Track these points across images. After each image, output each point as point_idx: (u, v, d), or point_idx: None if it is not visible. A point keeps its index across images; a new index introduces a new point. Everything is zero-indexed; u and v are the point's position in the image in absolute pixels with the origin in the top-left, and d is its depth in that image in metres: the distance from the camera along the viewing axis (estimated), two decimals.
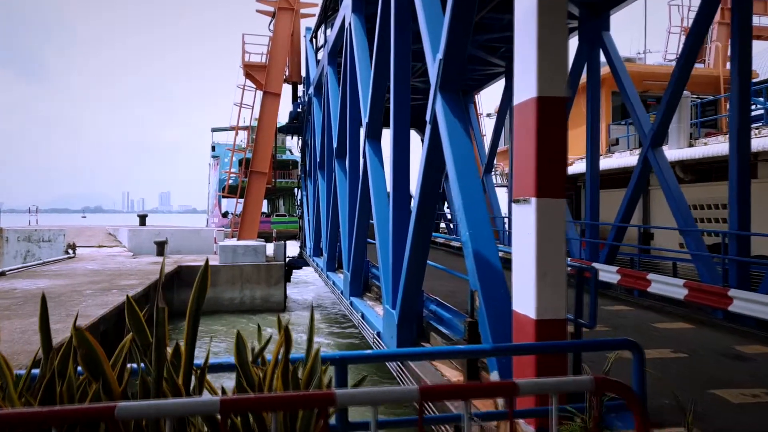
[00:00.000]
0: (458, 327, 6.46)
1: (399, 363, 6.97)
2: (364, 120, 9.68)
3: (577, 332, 3.96)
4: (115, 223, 52.86)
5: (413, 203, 6.51)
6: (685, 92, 14.41)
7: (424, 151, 6.09)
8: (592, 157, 12.55)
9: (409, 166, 7.90)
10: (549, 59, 3.68)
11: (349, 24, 11.49)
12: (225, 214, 51.92)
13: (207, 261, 1.98)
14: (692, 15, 28.19)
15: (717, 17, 26.62)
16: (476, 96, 22.72)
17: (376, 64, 9.00)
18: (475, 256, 4.70)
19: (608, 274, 11.06)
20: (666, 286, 9.65)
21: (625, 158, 17.06)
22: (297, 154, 53.65)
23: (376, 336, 8.34)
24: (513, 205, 3.97)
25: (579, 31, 12.82)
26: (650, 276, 10.03)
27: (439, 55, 5.61)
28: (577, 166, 20.08)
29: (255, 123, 25.68)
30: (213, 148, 55.17)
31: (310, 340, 2.26)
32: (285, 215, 52.63)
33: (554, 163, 3.70)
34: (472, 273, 4.73)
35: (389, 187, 13.26)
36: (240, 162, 48.92)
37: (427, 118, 6.01)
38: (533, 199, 3.70)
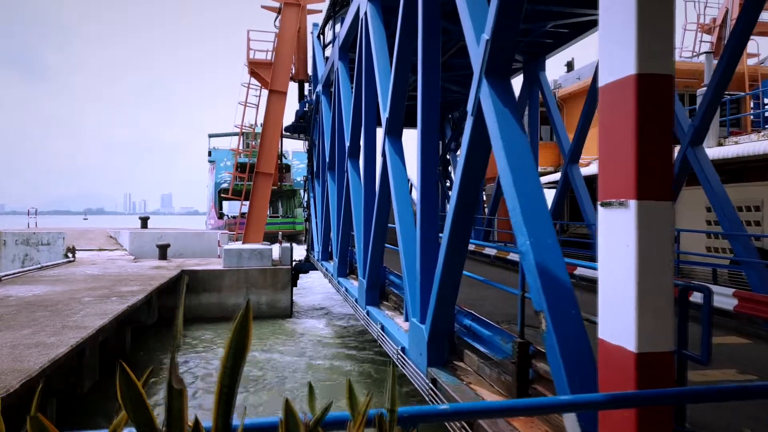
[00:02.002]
0: (500, 345, 5.72)
1: (431, 385, 6.23)
2: (384, 116, 8.94)
3: (681, 368, 3.21)
4: (117, 225, 52.34)
5: (449, 206, 5.77)
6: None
7: (464, 147, 5.35)
8: None
9: (438, 165, 7.15)
10: (653, 24, 2.94)
11: (365, 14, 10.76)
12: (221, 216, 52.93)
13: (248, 310, 1.23)
14: (708, 11, 27.55)
15: (735, 13, 25.88)
16: None
17: (398, 53, 8.26)
18: (539, 270, 3.95)
19: None
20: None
21: None
22: (291, 159, 53.71)
23: (400, 352, 7.59)
24: (600, 209, 3.22)
25: None
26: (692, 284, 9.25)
27: (486, 36, 4.87)
28: (596, 167, 19.35)
29: (249, 129, 25.02)
30: (209, 153, 56.63)
31: (393, 411, 1.51)
32: (278, 216, 52.90)
33: (660, 157, 2.95)
34: (535, 290, 3.98)
35: (413, 189, 12.45)
36: (235, 166, 51.16)
37: (469, 109, 5.27)
38: (632, 202, 2.95)
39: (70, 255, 21.01)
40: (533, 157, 4.50)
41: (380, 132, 11.65)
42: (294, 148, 54.30)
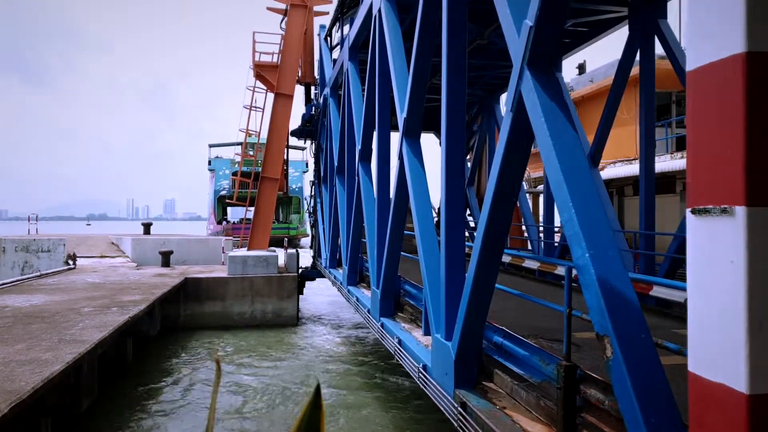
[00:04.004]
0: (538, 367, 5.17)
1: (460, 409, 5.68)
2: (402, 116, 8.42)
3: None
4: (120, 230, 52.06)
5: (482, 213, 5.23)
6: None
7: (501, 147, 4.81)
8: (647, 158, 11.24)
9: (464, 167, 6.62)
10: None
11: (378, 11, 10.26)
12: (219, 222, 54.74)
13: (318, 393, 0.69)
14: None
15: None
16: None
17: (417, 49, 7.75)
18: (602, 287, 3.40)
19: (667, 289, 9.75)
20: None
21: (667, 162, 15.80)
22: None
23: (422, 370, 7.03)
24: (692, 218, 2.67)
25: (629, 20, 11.56)
26: None
27: (529, 22, 4.34)
28: (610, 171, 18.81)
29: (254, 136, 24.57)
30: (209, 162, 58.41)
31: None
32: (274, 221, 53.52)
33: None
34: (597, 310, 3.43)
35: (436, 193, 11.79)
36: (234, 173, 53.28)
37: (507, 104, 4.74)
38: (740, 209, 2.41)
39: (70, 262, 20.50)
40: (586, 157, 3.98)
41: (394, 134, 11.16)
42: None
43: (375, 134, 10.97)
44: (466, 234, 18.72)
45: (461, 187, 6.46)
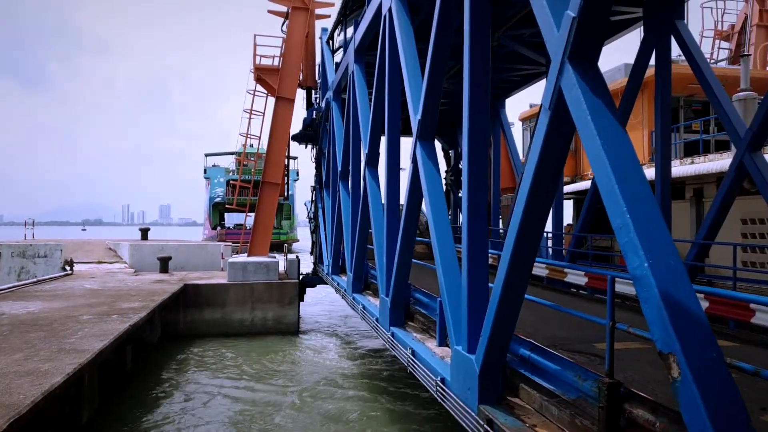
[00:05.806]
0: (573, 383, 4.84)
1: (486, 427, 5.35)
2: (416, 118, 8.11)
3: None
4: (116, 236, 51.69)
5: (513, 219, 4.92)
6: (750, 93, 12.91)
7: (536, 148, 4.50)
8: (663, 162, 10.94)
9: (486, 169, 6.31)
10: None
11: (389, 11, 9.97)
12: (214, 227, 55.95)
13: None
14: (727, 18, 26.90)
15: (755, 20, 25.21)
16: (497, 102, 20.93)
17: (433, 49, 7.45)
18: (665, 300, 3.09)
19: None
20: None
21: (677, 168, 15.52)
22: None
23: (440, 384, 6.70)
24: None
25: (644, 21, 11.29)
26: (755, 304, 8.36)
27: (571, 12, 4.04)
28: None
29: (251, 148, 24.20)
30: (205, 171, 60.23)
31: None
32: None
33: None
34: (660, 326, 3.11)
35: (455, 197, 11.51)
36: (227, 182, 52.35)
37: (544, 102, 4.43)
38: None
39: (67, 268, 20.13)
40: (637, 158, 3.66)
41: (403, 139, 10.85)
42: None
43: (384, 138, 10.65)
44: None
45: (484, 195, 6.15)
